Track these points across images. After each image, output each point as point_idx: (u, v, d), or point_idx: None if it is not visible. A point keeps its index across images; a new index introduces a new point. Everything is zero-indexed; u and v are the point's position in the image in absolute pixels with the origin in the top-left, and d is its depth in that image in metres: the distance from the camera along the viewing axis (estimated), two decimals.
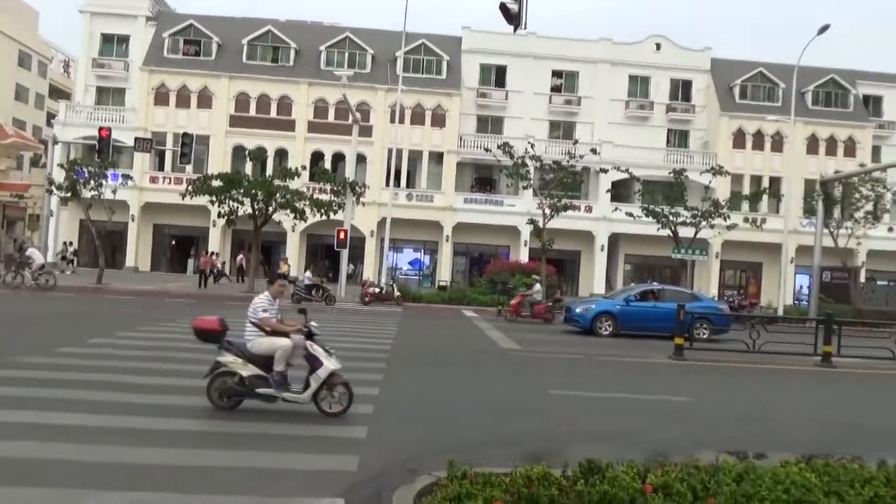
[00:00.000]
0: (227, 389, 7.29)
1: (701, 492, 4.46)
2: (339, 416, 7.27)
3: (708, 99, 40.72)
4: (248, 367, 7.19)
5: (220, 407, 7.27)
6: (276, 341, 7.29)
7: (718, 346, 16.31)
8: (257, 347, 7.31)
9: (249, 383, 7.20)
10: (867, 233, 33.65)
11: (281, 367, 7.24)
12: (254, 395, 7.23)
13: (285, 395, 7.22)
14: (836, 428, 8.66)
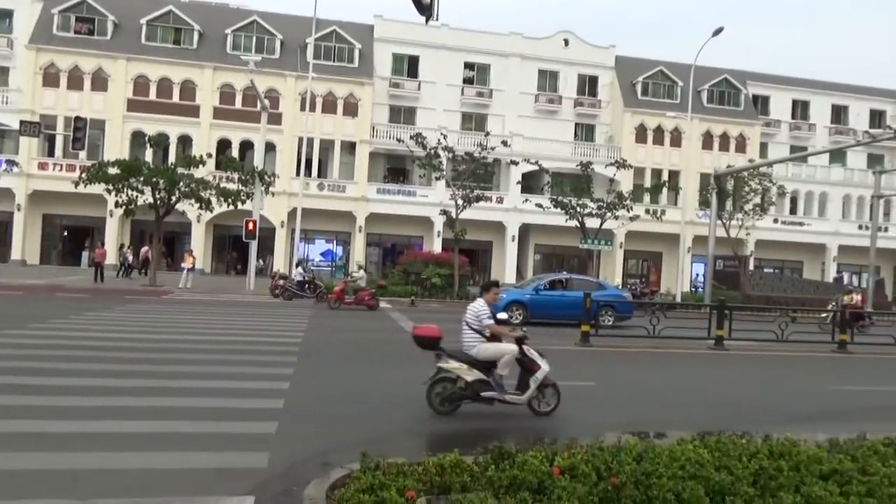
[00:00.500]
0: (451, 395, 7.49)
1: (604, 472, 4.65)
2: (549, 414, 7.66)
3: (612, 95, 42.28)
4: (473, 373, 7.42)
5: (441, 412, 7.45)
6: (502, 347, 7.57)
7: (622, 333, 17.05)
8: (483, 353, 7.53)
9: (474, 388, 7.41)
10: (755, 224, 36.08)
11: (505, 371, 7.49)
12: (477, 399, 7.45)
13: (507, 398, 7.50)
14: (728, 406, 9.26)
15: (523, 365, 7.62)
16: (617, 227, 35.08)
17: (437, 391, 7.55)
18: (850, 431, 6.44)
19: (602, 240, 31.31)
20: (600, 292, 19.18)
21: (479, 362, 7.50)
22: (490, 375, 7.48)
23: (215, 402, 7.45)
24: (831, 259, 42.45)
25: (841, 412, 9.13)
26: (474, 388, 7.44)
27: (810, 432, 6.46)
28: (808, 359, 15.10)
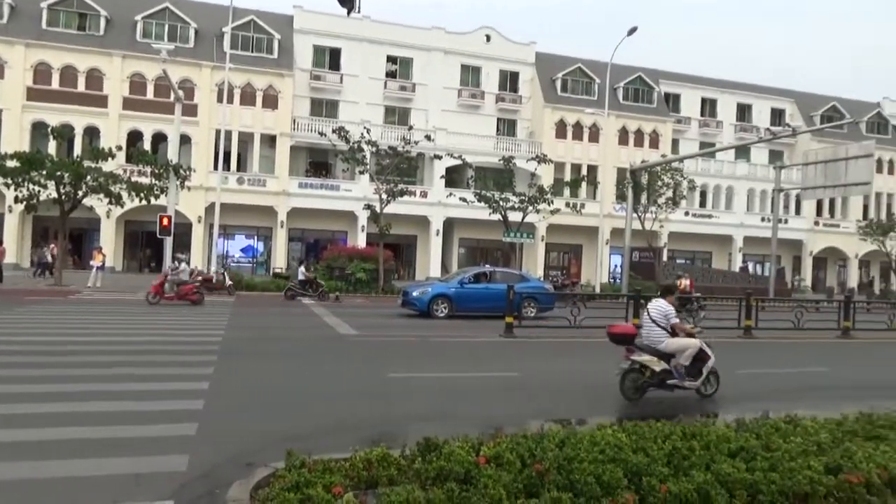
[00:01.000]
0: (642, 384, 8.55)
1: (528, 459, 4.77)
2: (711, 396, 8.86)
3: (533, 91, 43.10)
4: (661, 364, 8.51)
5: (631, 399, 8.52)
6: (687, 341, 8.70)
7: (545, 323, 17.50)
8: (670, 346, 8.64)
9: (660, 376, 8.52)
10: (668, 216, 37.67)
11: (687, 362, 8.63)
12: (662, 386, 8.60)
13: (686, 384, 8.64)
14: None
15: (696, 356, 8.76)
16: (539, 221, 35.85)
17: (629, 381, 8.61)
18: (754, 411, 6.85)
19: (524, 233, 31.92)
20: (523, 284, 19.58)
21: (663, 355, 8.60)
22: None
23: (131, 406, 7.15)
24: (737, 249, 44.91)
25: (747, 394, 9.69)
26: (660, 377, 8.55)
27: (721, 412, 6.84)
28: (717, 344, 15.88)
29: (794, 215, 46.12)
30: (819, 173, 27.91)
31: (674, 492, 4.39)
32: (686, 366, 8.65)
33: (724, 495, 4.45)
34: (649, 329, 8.79)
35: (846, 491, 4.74)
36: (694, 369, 8.71)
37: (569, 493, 4.30)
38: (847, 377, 11.75)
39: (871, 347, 16.76)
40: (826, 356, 14.59)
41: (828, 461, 5.02)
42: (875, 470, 4.93)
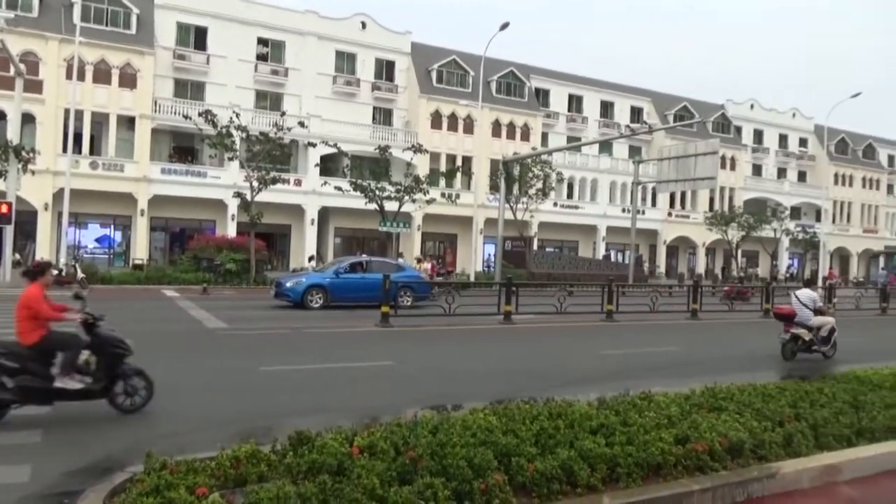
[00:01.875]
0: (797, 348, 11.89)
1: (402, 446, 4.79)
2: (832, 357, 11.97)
3: (409, 80, 43.16)
4: (809, 335, 11.81)
5: (788, 360, 11.76)
6: (828, 319, 12.20)
7: (420, 312, 17.67)
8: (817, 322, 11.92)
9: (808, 343, 11.82)
10: (538, 207, 39.22)
11: (825, 334, 11.99)
12: (808, 350, 11.87)
13: (823, 349, 11.94)
14: (517, 375, 10.01)
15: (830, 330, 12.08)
16: (415, 210, 36.05)
17: (788, 347, 11.94)
18: (615, 389, 7.28)
19: (401, 222, 32.01)
20: (399, 274, 19.64)
21: (808, 329, 11.82)
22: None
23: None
24: (601, 239, 47.64)
25: (610, 373, 10.30)
26: (808, 344, 11.84)
27: (585, 392, 7.21)
28: (582, 327, 16.84)
29: (651, 207, 49.54)
30: (672, 168, 30.17)
31: (540, 469, 4.58)
32: (824, 336, 11.98)
33: (586, 469, 4.71)
34: (800, 309, 11.95)
35: (693, 459, 5.18)
36: (829, 339, 12.05)
37: (441, 477, 4.36)
38: (695, 355, 12.81)
39: (715, 327, 18.39)
40: (677, 336, 15.83)
41: (677, 433, 5.45)
42: (717, 438, 5.42)
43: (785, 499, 5.20)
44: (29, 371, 6.33)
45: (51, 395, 6.47)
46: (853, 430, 6.24)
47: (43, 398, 6.46)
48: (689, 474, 5.08)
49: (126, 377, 6.84)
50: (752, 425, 5.82)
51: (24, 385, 6.28)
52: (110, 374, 6.74)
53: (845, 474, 5.72)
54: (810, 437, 5.93)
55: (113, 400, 6.76)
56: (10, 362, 6.23)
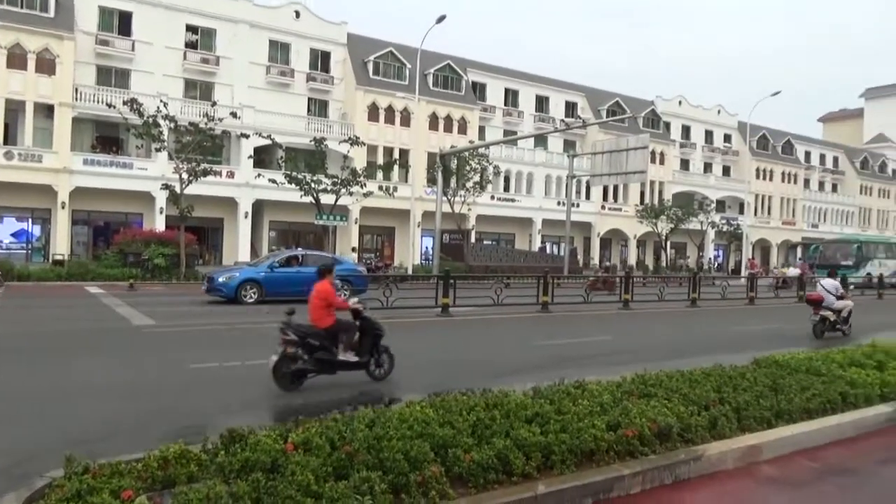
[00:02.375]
0: (825, 329, 14.19)
1: (338, 441, 4.73)
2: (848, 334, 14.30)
3: (345, 72, 42.60)
4: (833, 316, 14.29)
5: (818, 338, 13.82)
6: (849, 302, 14.73)
7: None
8: (838, 305, 14.36)
9: (833, 323, 14.28)
10: (476, 200, 39.50)
11: (846, 315, 14.52)
12: (833, 329, 14.29)
13: (844, 328, 14.46)
14: (455, 366, 10.05)
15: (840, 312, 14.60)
16: (352, 203, 35.69)
17: (819, 327, 14.15)
18: (550, 379, 7.40)
19: (337, 215, 31.64)
20: (336, 267, 19.39)
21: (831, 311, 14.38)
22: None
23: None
24: (537, 231, 48.41)
25: (545, 363, 10.48)
26: (833, 323, 14.27)
27: (521, 382, 7.30)
28: (519, 319, 17.07)
29: (585, 200, 50.66)
30: (605, 162, 30.93)
31: (477, 460, 4.61)
32: (845, 317, 14.46)
33: (521, 458, 4.77)
34: (826, 296, 14.36)
35: (624, 444, 5.32)
36: (847, 319, 14.56)
37: (378, 471, 4.33)
38: (627, 344, 13.19)
39: (645, 317, 18.98)
40: (610, 326, 16.27)
41: (609, 419, 5.59)
42: (647, 424, 5.59)
43: (710, 480, 5.42)
44: (323, 348, 8.17)
45: (336, 366, 8.35)
46: (773, 412, 6.55)
47: (331, 369, 8.33)
48: (620, 459, 5.22)
49: (379, 353, 8.67)
50: (679, 410, 6.03)
51: (321, 358, 8.15)
52: (371, 351, 8.60)
53: (765, 454, 6.00)
54: (734, 420, 6.20)
55: (369, 370, 8.59)
56: (314, 341, 8.10)
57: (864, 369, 8.31)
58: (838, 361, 8.58)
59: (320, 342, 8.16)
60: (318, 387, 8.19)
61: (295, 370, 7.97)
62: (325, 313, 8.28)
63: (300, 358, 7.95)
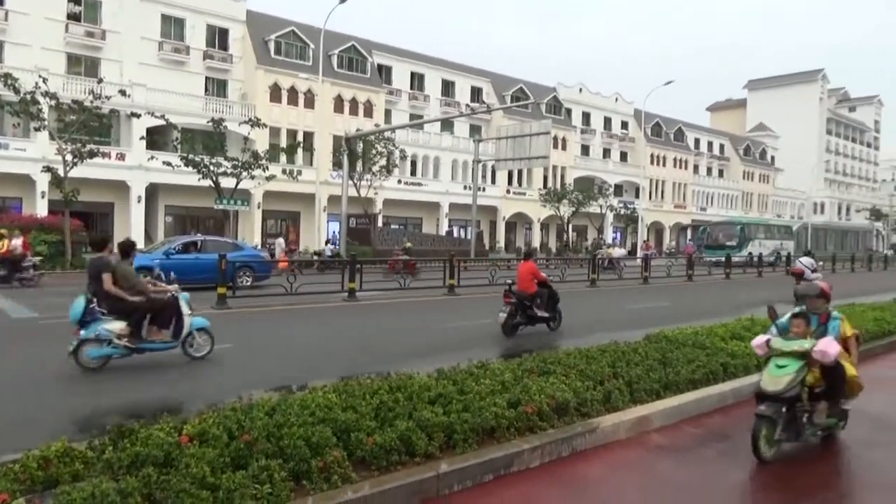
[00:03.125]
0: None
1: (236, 431, 4.60)
2: None
3: (245, 51, 41.02)
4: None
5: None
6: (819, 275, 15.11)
7: (261, 292, 17.07)
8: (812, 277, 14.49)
9: None
10: (382, 184, 39.26)
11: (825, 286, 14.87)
12: None
13: None
14: (362, 351, 10.00)
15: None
16: (254, 187, 34.59)
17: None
18: (455, 360, 7.51)
19: (238, 200, 30.59)
20: (237, 253, 18.79)
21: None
22: None
23: None
24: (444, 215, 48.76)
25: (450, 345, 10.61)
26: None
27: (427, 365, 7.37)
28: (426, 302, 17.18)
29: (491, 184, 51.49)
30: (509, 147, 31.48)
31: (379, 442, 4.62)
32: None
33: (424, 439, 4.83)
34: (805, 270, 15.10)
35: (524, 420, 5.49)
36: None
37: (278, 459, 4.26)
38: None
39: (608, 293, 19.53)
40: None
41: (510, 397, 5.74)
42: (546, 400, 5.78)
43: (604, 450, 5.69)
44: (529, 307, 11.64)
45: (536, 320, 11.77)
46: (661, 384, 6.94)
47: (532, 322, 11.73)
48: (520, 435, 5.38)
49: (556, 312, 12.28)
50: (576, 385, 6.28)
51: (530, 315, 11.65)
52: (552, 311, 12.13)
53: (654, 423, 6.37)
54: (626, 393, 6.53)
55: (549, 324, 12.06)
56: (526, 302, 11.59)
57: (743, 341, 8.95)
58: (720, 335, 9.21)
59: (528, 303, 11.69)
60: (218, 376, 7.93)
61: (514, 323, 11.46)
62: (531, 283, 11.89)
63: (517, 314, 11.46)
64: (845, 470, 5.69)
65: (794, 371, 5.42)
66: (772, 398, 5.38)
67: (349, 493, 4.16)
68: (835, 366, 5.58)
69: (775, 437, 5.36)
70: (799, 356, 5.51)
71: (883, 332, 11.53)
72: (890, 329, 11.77)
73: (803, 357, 5.50)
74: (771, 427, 5.32)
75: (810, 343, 5.56)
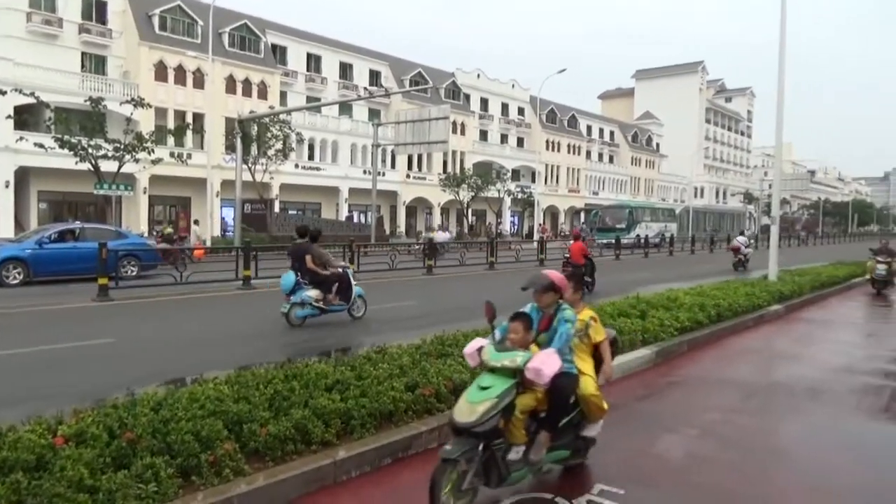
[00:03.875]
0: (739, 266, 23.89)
1: (118, 429, 4.34)
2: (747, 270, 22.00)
3: (126, 25, 38.43)
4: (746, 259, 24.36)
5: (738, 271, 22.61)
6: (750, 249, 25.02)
7: (148, 283, 16.20)
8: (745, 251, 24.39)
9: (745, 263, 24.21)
10: (279, 168, 38.14)
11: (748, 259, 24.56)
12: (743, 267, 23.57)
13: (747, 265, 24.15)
14: (257, 340, 9.70)
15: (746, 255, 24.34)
16: (139, 171, 32.62)
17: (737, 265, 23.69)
18: (362, 346, 7.45)
19: (122, 184, 28.77)
20: (120, 241, 17.68)
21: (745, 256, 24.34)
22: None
23: None
24: (344, 200, 48.10)
25: (354, 330, 10.50)
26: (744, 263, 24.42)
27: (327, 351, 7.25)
28: None
29: (391, 169, 51.26)
30: (408, 131, 31.41)
31: (273, 433, 4.52)
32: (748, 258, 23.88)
33: (321, 426, 4.77)
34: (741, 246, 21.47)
35: (422, 403, 5.54)
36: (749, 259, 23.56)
37: (165, 456, 4.07)
38: (430, 307, 13.67)
39: (448, 281, 19.81)
40: (415, 291, 16.74)
41: (408, 381, 5.77)
42: (443, 382, 5.86)
43: None
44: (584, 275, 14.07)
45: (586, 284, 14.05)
46: None
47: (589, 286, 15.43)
48: (418, 417, 5.43)
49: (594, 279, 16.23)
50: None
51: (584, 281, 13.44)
52: (592, 277, 16.05)
53: None
54: None
55: (589, 287, 15.37)
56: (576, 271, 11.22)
57: (629, 318, 9.43)
58: (608, 312, 9.65)
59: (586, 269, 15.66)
60: (99, 372, 7.46)
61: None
62: (581, 258, 15.93)
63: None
64: (716, 433, 6.14)
65: (495, 395, 3.96)
66: (464, 432, 3.91)
67: (242, 486, 4.05)
68: (557, 385, 4.22)
69: (464, 487, 3.91)
70: (511, 373, 4.10)
71: (753, 306, 12.52)
72: (758, 303, 12.79)
73: (516, 375, 4.10)
74: (458, 472, 3.87)
75: (524, 356, 4.12)
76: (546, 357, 4.11)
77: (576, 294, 5.09)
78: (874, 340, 11.29)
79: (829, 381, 8.03)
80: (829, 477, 4.93)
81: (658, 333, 9.16)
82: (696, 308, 10.71)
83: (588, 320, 4.95)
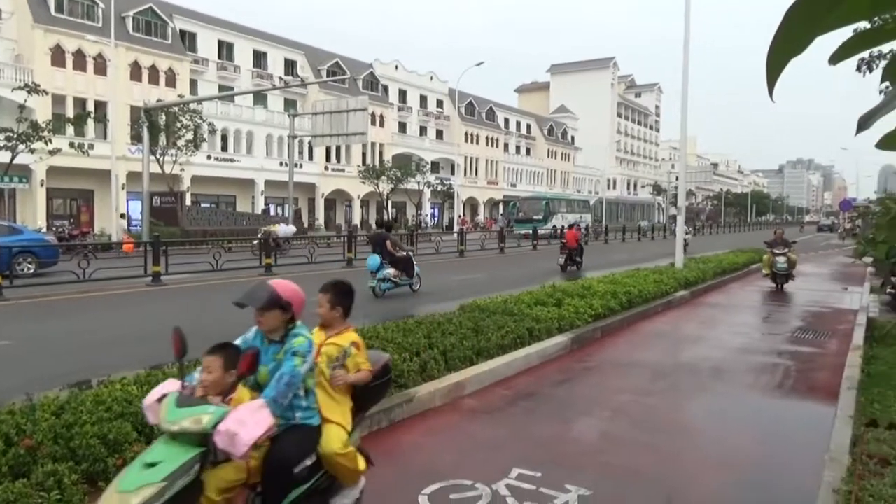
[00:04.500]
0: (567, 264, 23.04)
1: (16, 436, 4.08)
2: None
3: (18, 5, 35.84)
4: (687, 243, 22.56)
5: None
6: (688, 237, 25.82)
7: (47, 280, 15.27)
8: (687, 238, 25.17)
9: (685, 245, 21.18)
10: (190, 160, 36.69)
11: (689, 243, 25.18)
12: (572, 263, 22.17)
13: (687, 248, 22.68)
14: (167, 339, 9.31)
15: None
16: (35, 163, 30.62)
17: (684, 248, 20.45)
18: None
19: (15, 177, 26.93)
20: (14, 237, 16.62)
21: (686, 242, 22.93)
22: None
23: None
24: (260, 192, 46.83)
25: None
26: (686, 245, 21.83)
27: None
28: (241, 283, 16.43)
29: (308, 160, 50.29)
30: (326, 122, 30.92)
31: None
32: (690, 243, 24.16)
33: None
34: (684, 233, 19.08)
35: None
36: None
37: (69, 462, 3.86)
38: (355, 299, 13.52)
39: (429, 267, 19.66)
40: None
41: None
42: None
43: (421, 418, 5.88)
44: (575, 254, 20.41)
45: (578, 264, 20.43)
46: (474, 351, 7.31)
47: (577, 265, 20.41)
48: None
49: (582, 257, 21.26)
50: (394, 358, 6.38)
51: (576, 260, 20.46)
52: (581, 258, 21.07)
53: (468, 389, 6.70)
54: (441, 362, 6.77)
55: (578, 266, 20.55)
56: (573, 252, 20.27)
57: (546, 307, 9.69)
58: (526, 302, 9.88)
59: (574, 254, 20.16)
60: None
61: (564, 263, 19.98)
62: (575, 242, 20.04)
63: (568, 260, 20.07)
64: (628, 414, 6.41)
65: (161, 478, 2.62)
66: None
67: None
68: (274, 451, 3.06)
69: None
70: (197, 439, 2.76)
71: (661, 292, 13.12)
72: (666, 290, 13.43)
73: (204, 443, 2.76)
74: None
75: (215, 413, 2.77)
76: (248, 414, 2.79)
77: (333, 311, 3.71)
78: (769, 323, 12.08)
79: (730, 360, 8.54)
80: (733, 453, 5.25)
81: (573, 321, 9.45)
82: (609, 295, 11.11)
83: (348, 346, 3.60)
